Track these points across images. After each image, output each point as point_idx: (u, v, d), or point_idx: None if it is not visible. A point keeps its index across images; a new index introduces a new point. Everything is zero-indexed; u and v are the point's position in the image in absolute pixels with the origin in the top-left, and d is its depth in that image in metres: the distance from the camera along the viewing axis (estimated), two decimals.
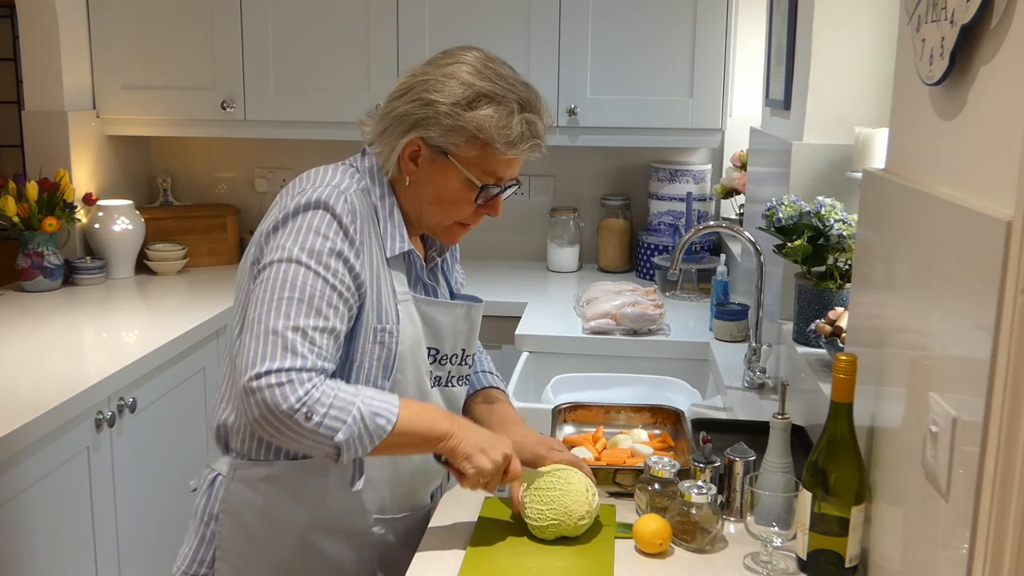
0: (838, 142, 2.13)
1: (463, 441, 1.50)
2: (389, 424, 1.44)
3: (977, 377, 0.99)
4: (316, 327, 1.43)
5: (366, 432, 1.42)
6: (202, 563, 1.62)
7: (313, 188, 1.52)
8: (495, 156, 1.54)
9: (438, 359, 1.66)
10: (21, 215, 3.07)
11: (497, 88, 1.52)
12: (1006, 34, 1.00)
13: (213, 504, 1.61)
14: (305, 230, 1.48)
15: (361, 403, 1.42)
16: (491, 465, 1.50)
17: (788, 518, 1.45)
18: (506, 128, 1.51)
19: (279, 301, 1.43)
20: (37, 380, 2.34)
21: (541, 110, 1.58)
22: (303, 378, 1.39)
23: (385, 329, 1.55)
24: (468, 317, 1.70)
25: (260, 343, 1.40)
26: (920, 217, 1.20)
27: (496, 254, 3.76)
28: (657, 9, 3.23)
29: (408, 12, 3.29)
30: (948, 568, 1.06)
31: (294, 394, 1.38)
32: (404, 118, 1.54)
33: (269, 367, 1.38)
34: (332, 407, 1.40)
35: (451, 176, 1.56)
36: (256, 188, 3.84)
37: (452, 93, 1.51)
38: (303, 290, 1.44)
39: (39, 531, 2.13)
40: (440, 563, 1.51)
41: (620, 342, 2.74)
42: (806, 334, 1.96)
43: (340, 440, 1.40)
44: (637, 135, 3.32)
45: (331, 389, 1.42)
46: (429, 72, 1.55)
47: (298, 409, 1.38)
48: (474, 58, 1.56)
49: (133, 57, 3.41)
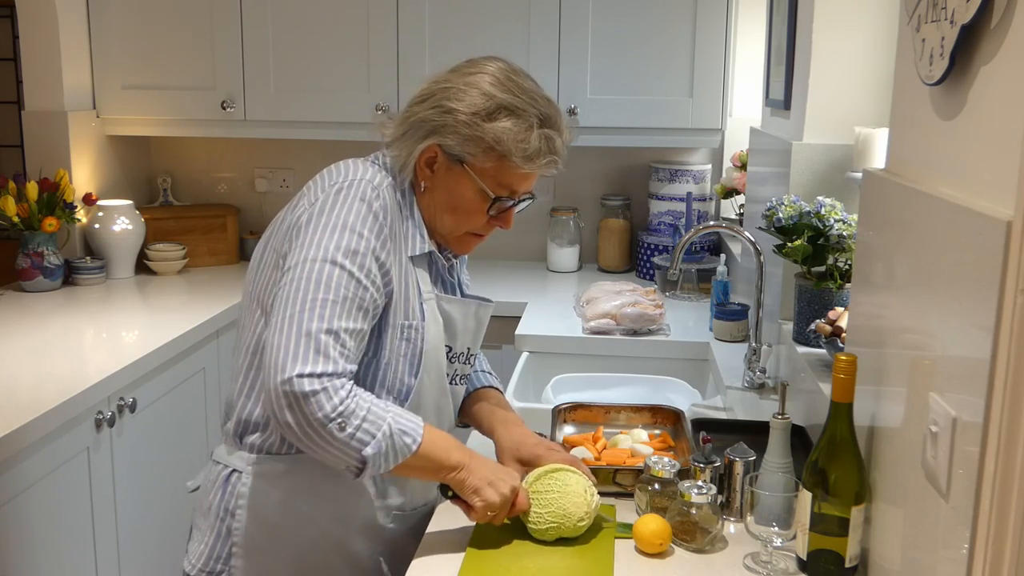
0: (838, 142, 2.13)
1: (472, 474, 1.50)
2: (415, 444, 1.44)
3: (977, 377, 0.99)
4: (348, 329, 1.43)
5: (392, 449, 1.43)
6: (219, 559, 1.62)
7: (347, 181, 1.52)
8: (511, 169, 1.54)
9: (448, 357, 1.67)
10: (21, 215, 3.07)
11: (518, 101, 1.53)
12: (1006, 34, 1.00)
13: (230, 499, 1.60)
14: (341, 227, 1.46)
15: (392, 419, 1.43)
16: (499, 498, 1.50)
17: (788, 518, 1.45)
18: (524, 142, 1.52)
19: (313, 302, 1.42)
20: (37, 380, 2.34)
21: (561, 127, 1.58)
22: (337, 385, 1.39)
23: (412, 326, 1.56)
24: (477, 316, 1.71)
25: (293, 343, 1.39)
26: (920, 217, 1.20)
27: (496, 254, 3.76)
28: (657, 9, 3.23)
29: (408, 12, 3.29)
30: (948, 568, 1.06)
31: (329, 402, 1.37)
32: (423, 124, 1.54)
33: (302, 370, 1.37)
34: (365, 420, 1.40)
35: (466, 185, 1.56)
36: (256, 188, 3.84)
37: (472, 103, 1.51)
38: (338, 291, 1.43)
39: (39, 531, 2.13)
40: (440, 563, 1.51)
41: (620, 342, 2.74)
42: (806, 334, 1.96)
43: (368, 454, 1.40)
44: (637, 135, 3.32)
45: (365, 402, 1.42)
46: (452, 80, 1.55)
47: (333, 419, 1.38)
48: (497, 69, 1.56)
49: (133, 57, 3.41)
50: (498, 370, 2.95)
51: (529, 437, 1.70)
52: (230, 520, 1.60)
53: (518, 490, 1.54)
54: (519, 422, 1.76)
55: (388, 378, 1.56)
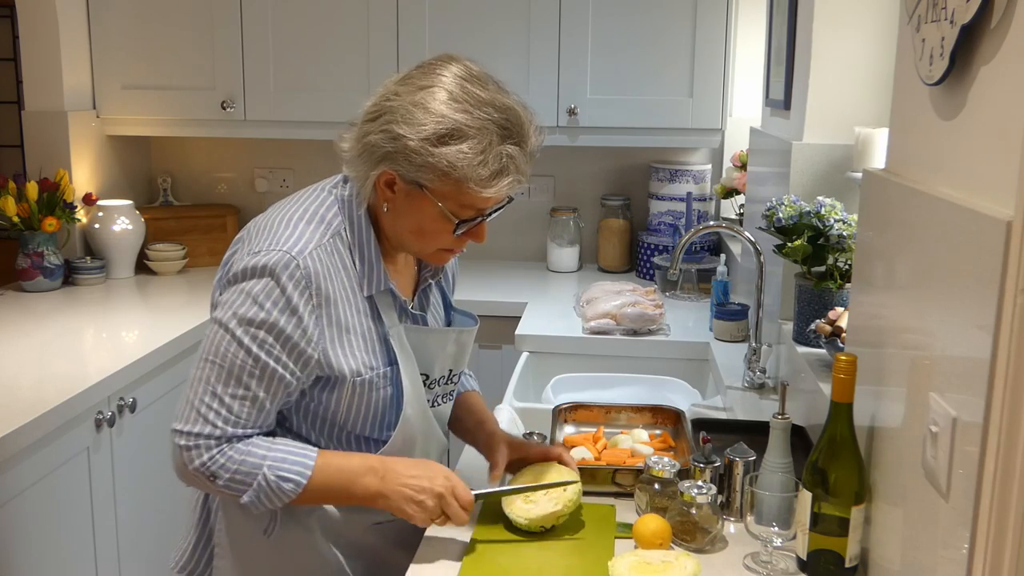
0: (838, 142, 2.13)
1: (390, 497, 1.50)
2: (298, 487, 1.46)
3: (977, 377, 0.99)
4: (235, 395, 1.45)
5: (274, 494, 1.46)
6: (200, 559, 1.63)
7: (266, 251, 1.45)
8: (471, 192, 1.43)
9: (427, 384, 1.64)
10: (21, 215, 3.07)
11: (472, 118, 1.40)
12: (1006, 34, 1.00)
13: (212, 501, 1.62)
14: (243, 296, 1.44)
15: (267, 468, 1.45)
16: (425, 512, 1.49)
17: (788, 518, 1.45)
18: (480, 165, 1.40)
19: (204, 363, 1.46)
20: (37, 380, 2.34)
21: (526, 135, 1.46)
22: (209, 444, 1.45)
23: (377, 373, 1.53)
24: (459, 341, 1.67)
25: (184, 401, 1.47)
26: (920, 217, 1.20)
27: (496, 254, 3.76)
28: (657, 9, 3.23)
29: (408, 12, 3.29)
30: (948, 568, 1.06)
31: (198, 459, 1.44)
32: (375, 149, 1.44)
33: (181, 428, 1.45)
34: (237, 472, 1.45)
35: (427, 209, 1.47)
36: (256, 188, 3.84)
37: (421, 127, 1.40)
38: (224, 358, 1.44)
39: (39, 531, 2.13)
40: (440, 563, 1.51)
41: (620, 342, 2.74)
42: (806, 334, 1.96)
43: (245, 502, 1.47)
44: (637, 135, 3.32)
45: (239, 454, 1.45)
46: (401, 96, 1.43)
47: (203, 472, 1.45)
48: (452, 78, 1.43)
49: (133, 57, 3.41)
50: (498, 370, 2.97)
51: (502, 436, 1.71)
52: (212, 520, 1.62)
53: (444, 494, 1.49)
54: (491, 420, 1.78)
55: (364, 426, 1.55)
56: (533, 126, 1.48)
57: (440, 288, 1.74)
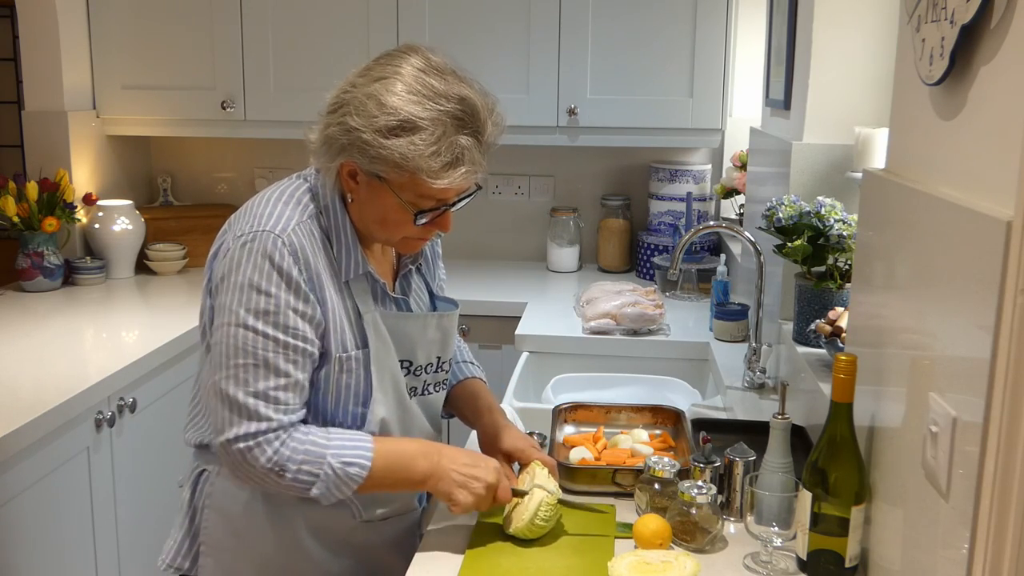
0: (838, 142, 2.13)
1: (442, 480, 1.52)
2: (364, 471, 1.47)
3: (977, 377, 0.99)
4: (277, 386, 1.45)
5: (341, 482, 1.46)
6: (186, 557, 1.63)
7: (252, 232, 1.46)
8: (426, 183, 1.44)
9: (412, 371, 1.64)
10: (21, 215, 3.07)
11: (425, 109, 1.41)
12: (1006, 34, 1.00)
13: (199, 498, 1.61)
14: (248, 288, 1.44)
15: (331, 456, 1.46)
16: (473, 499, 1.52)
17: (788, 518, 1.45)
18: (432, 157, 1.41)
19: (235, 368, 1.44)
20: (37, 380, 2.34)
21: (482, 124, 1.45)
22: (270, 438, 1.44)
23: (349, 356, 1.53)
24: (440, 326, 1.67)
25: (226, 409, 1.45)
26: (920, 217, 1.20)
27: (496, 254, 3.76)
28: (657, 9, 3.23)
29: (408, 12, 3.29)
30: (948, 568, 1.06)
31: (263, 455, 1.44)
32: (333, 141, 1.47)
33: (236, 433, 1.44)
34: (304, 463, 1.45)
35: (387, 199, 1.48)
36: (256, 188, 3.84)
37: (372, 120, 1.41)
38: (255, 355, 1.44)
39: (39, 531, 2.13)
40: (440, 563, 1.51)
41: (620, 342, 2.74)
42: (806, 334, 1.96)
43: (315, 494, 1.46)
44: (637, 135, 3.32)
45: (301, 444, 1.45)
46: (357, 88, 1.45)
47: (271, 469, 1.44)
48: (410, 70, 1.43)
49: (133, 57, 3.41)
50: (498, 370, 2.97)
51: (510, 429, 1.71)
52: (199, 518, 1.61)
53: (495, 484, 1.53)
54: (497, 409, 1.76)
55: (339, 410, 1.55)
56: (493, 115, 1.48)
57: (422, 274, 1.73)
